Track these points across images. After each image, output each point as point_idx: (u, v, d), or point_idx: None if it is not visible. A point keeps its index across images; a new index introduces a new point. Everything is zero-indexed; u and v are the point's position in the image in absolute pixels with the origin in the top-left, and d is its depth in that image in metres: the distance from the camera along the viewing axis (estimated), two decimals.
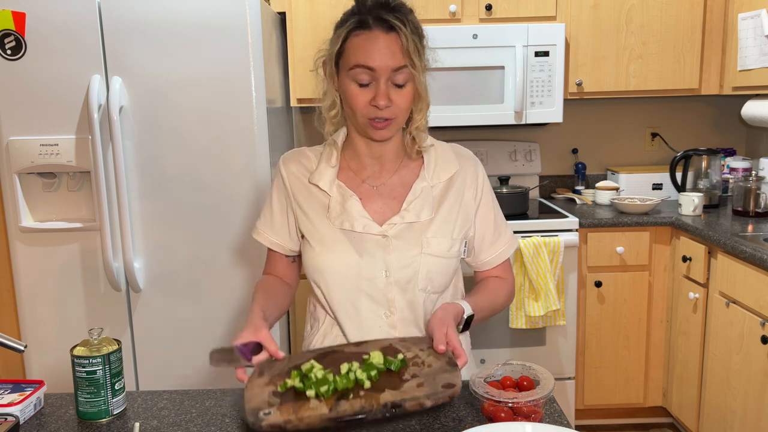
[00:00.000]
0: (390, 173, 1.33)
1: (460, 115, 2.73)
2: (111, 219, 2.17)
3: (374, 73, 1.19)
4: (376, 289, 1.27)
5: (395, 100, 1.21)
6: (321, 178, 1.31)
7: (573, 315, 2.64)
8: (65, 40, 2.12)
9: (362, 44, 1.20)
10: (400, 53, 1.19)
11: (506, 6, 2.74)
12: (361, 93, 1.21)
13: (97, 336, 1.13)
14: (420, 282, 1.28)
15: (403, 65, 1.20)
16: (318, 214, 1.31)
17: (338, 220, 1.28)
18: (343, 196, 1.29)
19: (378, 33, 1.19)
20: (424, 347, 1.14)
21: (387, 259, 1.27)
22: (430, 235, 1.28)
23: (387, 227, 1.27)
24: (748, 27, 2.53)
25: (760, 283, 2.04)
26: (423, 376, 1.04)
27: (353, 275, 1.27)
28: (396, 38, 1.20)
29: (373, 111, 1.21)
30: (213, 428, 1.09)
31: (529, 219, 2.62)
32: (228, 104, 2.16)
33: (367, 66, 1.19)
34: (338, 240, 1.28)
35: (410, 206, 1.29)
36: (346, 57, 1.22)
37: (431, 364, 1.07)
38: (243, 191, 2.20)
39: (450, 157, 1.35)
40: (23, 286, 2.25)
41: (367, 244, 1.27)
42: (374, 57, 1.19)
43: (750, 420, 2.13)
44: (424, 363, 1.08)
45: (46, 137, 2.16)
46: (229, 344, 1.11)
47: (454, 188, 1.32)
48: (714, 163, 2.83)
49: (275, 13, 2.64)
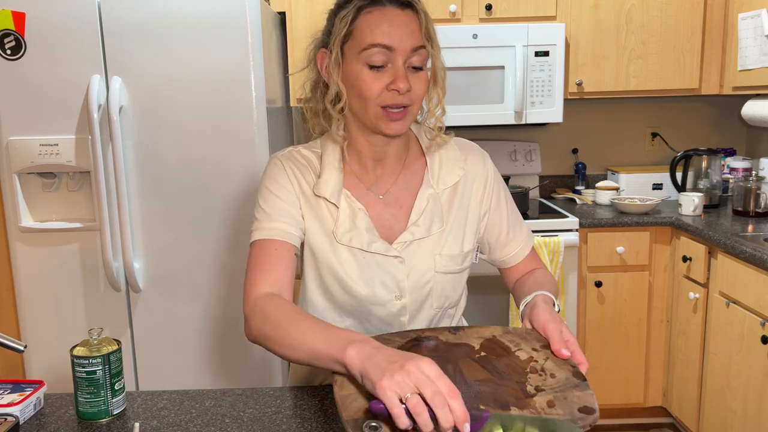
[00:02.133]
0: (393, 177, 1.21)
1: (460, 115, 2.73)
2: (111, 219, 2.17)
3: (391, 54, 1.07)
4: (389, 313, 1.19)
5: (414, 84, 1.09)
6: (327, 188, 1.16)
7: (573, 315, 2.64)
8: (65, 40, 2.12)
9: (376, 21, 1.07)
10: (418, 31, 1.08)
11: (506, 6, 2.74)
12: (376, 78, 1.08)
13: (97, 336, 1.13)
14: (435, 301, 1.20)
15: (422, 45, 1.08)
16: (324, 228, 1.17)
17: (347, 237, 1.15)
18: (352, 209, 1.16)
19: (393, 9, 1.07)
20: (537, 346, 0.97)
21: (401, 284, 1.17)
22: (442, 251, 1.19)
23: (398, 246, 1.17)
24: (748, 27, 2.53)
25: (760, 283, 2.04)
26: (550, 390, 0.86)
27: (364, 299, 1.18)
28: (413, 15, 1.08)
29: (390, 97, 1.08)
30: (213, 428, 1.09)
31: (529, 219, 2.62)
32: (228, 104, 2.16)
33: (384, 45, 1.06)
34: (347, 261, 1.16)
35: (419, 220, 1.18)
36: (357, 38, 1.08)
37: (554, 374, 0.90)
38: (243, 191, 2.20)
39: (455, 156, 1.24)
40: (23, 286, 2.25)
41: (379, 267, 1.16)
42: (392, 34, 1.06)
43: (750, 420, 2.12)
44: (545, 371, 0.91)
45: (46, 137, 2.16)
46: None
47: (461, 192, 1.22)
48: (714, 163, 2.83)
49: (275, 13, 2.64)
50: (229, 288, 2.26)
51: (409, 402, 0.76)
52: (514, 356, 0.93)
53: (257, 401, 1.18)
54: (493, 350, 0.95)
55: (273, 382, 2.30)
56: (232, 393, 1.22)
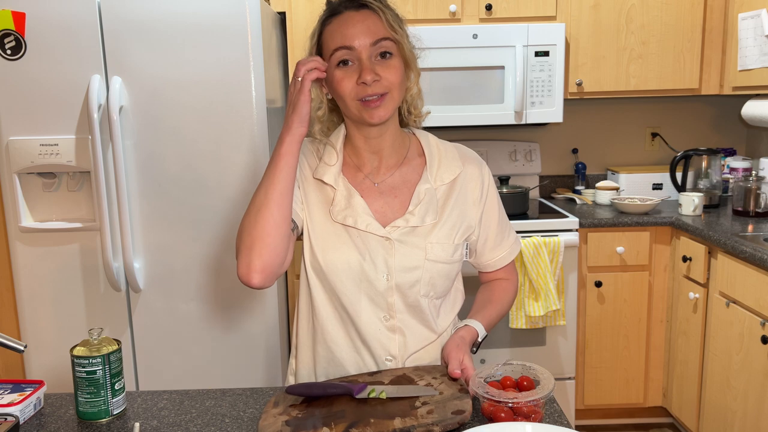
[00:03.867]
0: (390, 169, 1.29)
1: (460, 115, 2.73)
2: (111, 219, 2.17)
3: (354, 52, 1.17)
4: (377, 292, 1.24)
5: (382, 74, 1.18)
6: (326, 172, 1.26)
7: (573, 315, 2.64)
8: (65, 40, 2.12)
9: (336, 28, 1.19)
10: (376, 25, 1.18)
11: (506, 6, 2.74)
12: (346, 75, 1.18)
13: (97, 336, 1.13)
14: (422, 288, 1.25)
15: (383, 37, 1.18)
16: (320, 209, 1.26)
17: (341, 215, 1.24)
18: (348, 191, 1.25)
19: (349, 13, 1.19)
20: (437, 375, 1.15)
21: (389, 263, 1.23)
22: (433, 240, 1.25)
23: (391, 230, 1.24)
24: (748, 27, 2.53)
25: (760, 283, 2.04)
26: (434, 403, 1.05)
27: (355, 275, 1.24)
28: (368, 13, 1.19)
29: (361, 90, 1.17)
30: (213, 428, 1.09)
31: (529, 219, 2.62)
32: (228, 104, 2.16)
33: (345, 46, 1.17)
34: (341, 237, 1.24)
35: (416, 210, 1.25)
36: (325, 48, 1.20)
37: (443, 392, 1.09)
38: (243, 191, 2.20)
39: (453, 157, 1.31)
40: (23, 286, 2.25)
41: (370, 244, 1.23)
42: (350, 35, 1.17)
43: (750, 420, 2.12)
44: (435, 391, 1.10)
45: (46, 137, 2.16)
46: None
47: (456, 191, 1.29)
48: (714, 163, 2.83)
49: (275, 13, 2.64)
50: (229, 288, 2.25)
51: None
52: (414, 384, 1.13)
53: (257, 401, 1.18)
54: (398, 382, 1.14)
55: (273, 382, 2.30)
56: (232, 393, 1.22)
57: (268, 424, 1.05)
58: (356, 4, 1.19)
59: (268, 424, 1.05)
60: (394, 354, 1.26)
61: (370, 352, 1.26)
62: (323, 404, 1.09)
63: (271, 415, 1.08)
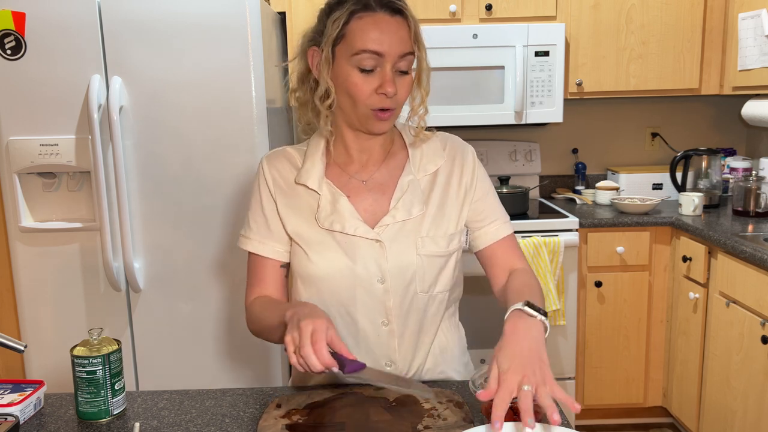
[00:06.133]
0: (377, 165, 1.26)
1: (460, 115, 2.73)
2: (111, 219, 2.17)
3: (380, 59, 1.12)
4: (373, 297, 1.21)
5: (398, 89, 1.15)
6: (309, 176, 1.23)
7: (573, 315, 2.64)
8: (65, 40, 2.12)
9: (368, 27, 1.11)
10: (407, 37, 1.13)
11: (506, 6, 2.74)
12: (366, 81, 1.13)
13: (97, 336, 1.13)
14: (419, 285, 1.22)
15: (410, 51, 1.14)
16: (305, 216, 1.23)
17: (328, 221, 1.20)
18: (333, 195, 1.22)
19: (384, 15, 1.12)
20: (443, 400, 1.12)
21: (382, 266, 1.20)
22: (424, 234, 1.21)
23: (380, 230, 1.20)
24: (748, 27, 2.53)
25: (760, 283, 2.04)
26: (436, 429, 1.02)
27: (347, 282, 1.20)
28: (403, 22, 1.14)
29: (379, 100, 1.14)
30: (213, 428, 1.09)
31: (529, 219, 2.62)
32: (228, 104, 2.16)
33: (375, 51, 1.11)
34: (329, 244, 1.20)
35: (399, 203, 1.21)
36: (348, 42, 1.13)
37: (447, 418, 1.06)
38: (243, 191, 2.20)
39: (437, 148, 1.28)
40: (23, 286, 2.25)
41: (360, 249, 1.20)
42: (383, 41, 1.11)
43: (750, 420, 2.13)
44: (440, 416, 1.07)
45: (46, 137, 2.16)
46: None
47: (441, 179, 1.26)
48: (714, 163, 2.83)
49: (275, 13, 2.64)
50: (229, 288, 2.25)
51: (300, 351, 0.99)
52: (419, 406, 1.10)
53: (257, 401, 1.18)
54: (403, 403, 1.11)
55: (273, 382, 2.30)
56: (232, 393, 1.22)
57: (268, 425, 1.05)
58: (393, 7, 1.13)
59: (269, 425, 1.05)
60: (395, 359, 1.24)
61: (370, 357, 1.24)
62: (326, 414, 1.08)
63: (273, 416, 1.08)
